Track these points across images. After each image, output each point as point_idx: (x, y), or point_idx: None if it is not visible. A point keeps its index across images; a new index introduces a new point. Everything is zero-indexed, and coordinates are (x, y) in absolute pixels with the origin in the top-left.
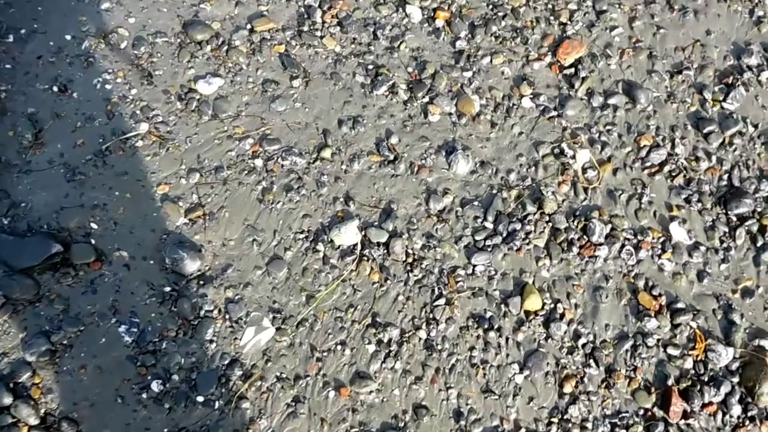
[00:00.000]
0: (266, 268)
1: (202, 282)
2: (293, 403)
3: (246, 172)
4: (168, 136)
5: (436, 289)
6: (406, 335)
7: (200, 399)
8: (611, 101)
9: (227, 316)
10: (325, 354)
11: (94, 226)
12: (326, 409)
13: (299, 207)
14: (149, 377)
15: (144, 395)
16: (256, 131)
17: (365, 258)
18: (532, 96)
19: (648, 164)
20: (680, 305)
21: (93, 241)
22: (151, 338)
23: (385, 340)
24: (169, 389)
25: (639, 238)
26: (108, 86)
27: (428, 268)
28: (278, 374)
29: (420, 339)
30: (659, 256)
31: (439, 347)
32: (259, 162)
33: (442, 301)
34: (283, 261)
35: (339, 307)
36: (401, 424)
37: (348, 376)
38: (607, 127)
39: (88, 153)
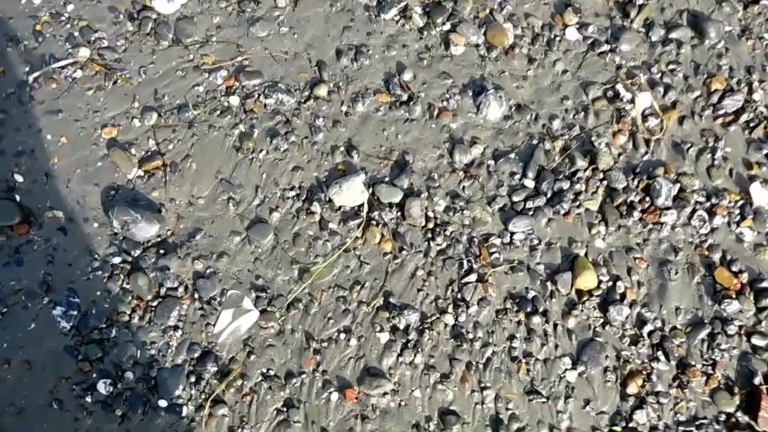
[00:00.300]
0: (246, 234)
1: (162, 251)
2: (285, 409)
3: (218, 112)
4: (116, 66)
5: (464, 262)
6: (428, 321)
7: (163, 403)
8: (674, 35)
9: (196, 296)
10: (324, 345)
11: (18, 178)
12: (327, 416)
13: (288, 157)
14: (94, 375)
15: (88, 399)
16: (230, 61)
17: (373, 222)
18: (578, 26)
19: (721, 112)
20: (766, 284)
21: (17, 198)
22: (97, 324)
23: (402, 327)
24: (122, 391)
25: (713, 201)
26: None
27: (454, 236)
28: (264, 371)
29: (446, 326)
30: (738, 224)
31: (471, 336)
32: (234, 100)
33: (472, 277)
34: (268, 225)
35: (341, 285)
36: None
37: (355, 374)
38: (671, 67)
39: (10, 85)
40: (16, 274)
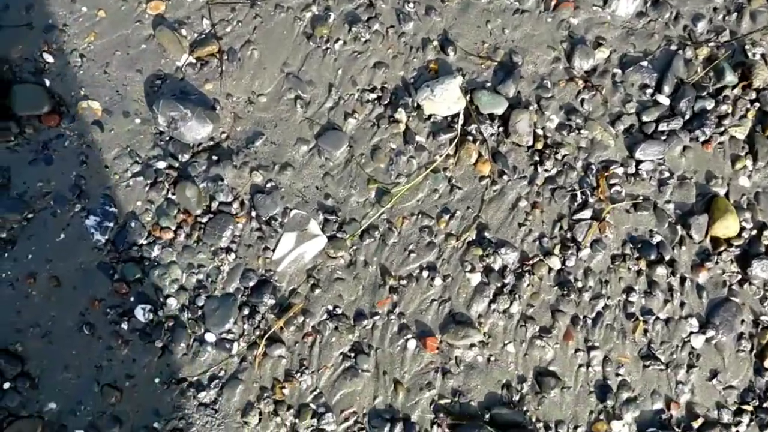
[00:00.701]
0: (316, 142)
1: (215, 158)
2: (352, 354)
3: None
4: None
5: (578, 194)
6: (529, 263)
7: (210, 337)
8: None
9: (254, 214)
10: (403, 283)
11: (48, 59)
12: (402, 366)
13: (369, 51)
14: (132, 299)
15: (124, 325)
16: None
17: (470, 138)
18: None
19: None
20: None
21: (47, 83)
22: (136, 239)
23: (497, 268)
24: (163, 319)
25: None
26: None
27: (567, 161)
28: (330, 308)
29: (550, 270)
30: None
31: (579, 285)
32: None
33: (586, 213)
34: (343, 134)
35: (427, 212)
36: (515, 397)
37: (438, 320)
38: None
39: None
40: (45, 174)
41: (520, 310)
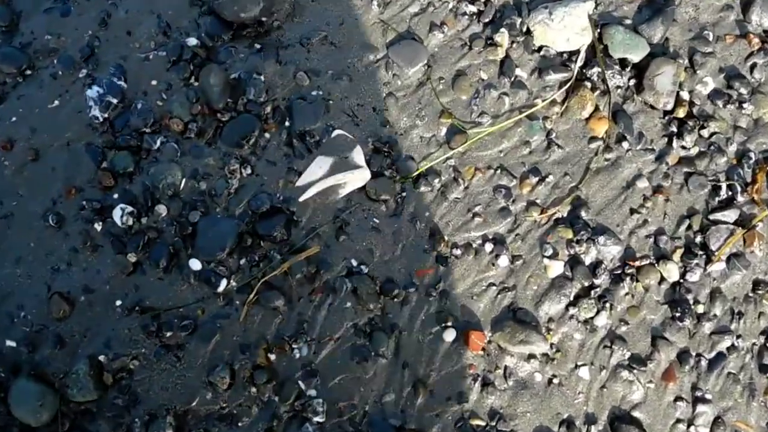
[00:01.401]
0: (386, 53)
1: (258, 46)
2: (368, 330)
3: None
4: None
5: (723, 187)
6: (635, 264)
7: (195, 265)
8: None
9: (287, 123)
10: (456, 252)
11: None
12: (430, 361)
13: None
14: (115, 195)
15: (97, 226)
16: None
17: (587, 84)
18: None
19: None
20: None
21: None
22: (139, 124)
23: (587, 261)
24: (144, 229)
25: None
26: None
27: (716, 142)
28: (354, 264)
29: (662, 280)
30: None
31: (700, 309)
32: None
33: (730, 214)
34: (422, 48)
35: (508, 168)
36: None
37: (491, 312)
38: None
39: None
40: (57, 26)
41: (608, 324)
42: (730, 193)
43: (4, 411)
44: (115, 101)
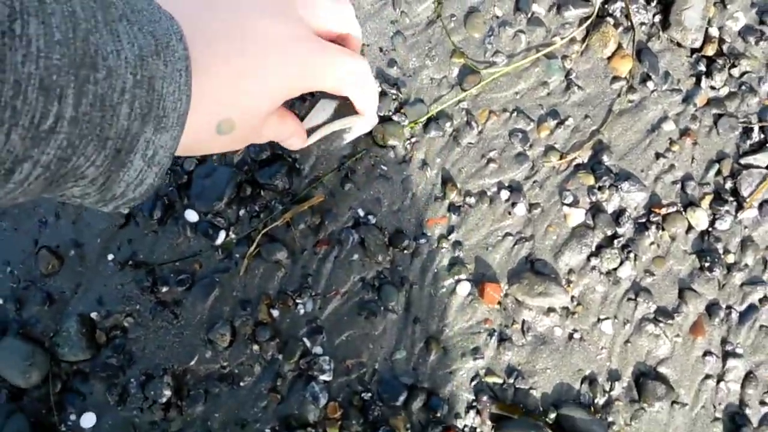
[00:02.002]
0: None
1: None
2: (376, 283)
3: None
4: None
5: (755, 129)
6: (660, 211)
7: (191, 216)
8: None
9: None
10: (469, 201)
11: None
12: (443, 316)
13: None
14: None
15: None
16: None
17: (609, 20)
18: None
19: None
20: None
21: None
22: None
23: (610, 210)
24: None
25: None
26: None
27: (748, 81)
28: (361, 214)
29: (689, 228)
30: None
31: (731, 260)
32: None
33: (762, 158)
34: None
35: (525, 110)
36: (599, 400)
37: (508, 262)
38: None
39: None
40: None
41: (632, 276)
42: (762, 135)
43: None
44: None
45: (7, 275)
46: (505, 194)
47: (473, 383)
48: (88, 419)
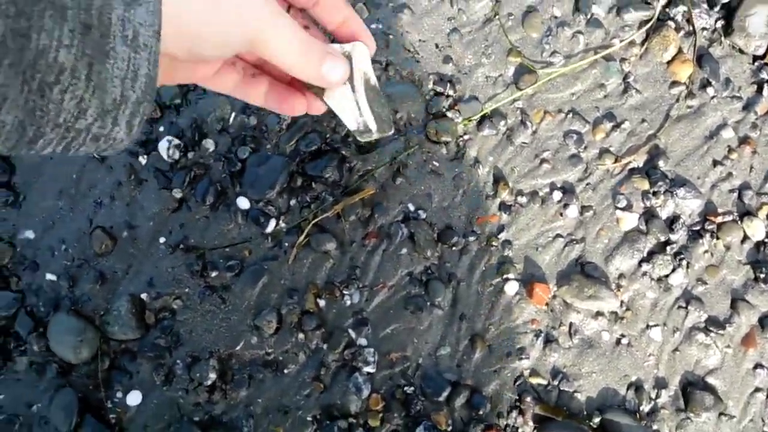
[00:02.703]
0: None
1: None
2: (423, 279)
3: None
4: None
5: None
6: (716, 220)
7: (243, 203)
8: None
9: None
10: (521, 200)
11: None
12: (490, 314)
13: None
14: (161, 128)
15: (142, 160)
16: None
17: (671, 25)
18: None
19: None
20: None
21: None
22: None
23: (664, 216)
24: (190, 165)
25: None
26: None
27: None
28: (411, 209)
29: (746, 239)
30: None
31: None
32: None
33: None
34: None
35: (581, 113)
36: (645, 407)
37: (557, 265)
38: None
39: None
40: None
41: (684, 284)
42: None
43: (43, 346)
44: None
45: (62, 253)
46: (557, 195)
47: (517, 383)
48: (134, 397)
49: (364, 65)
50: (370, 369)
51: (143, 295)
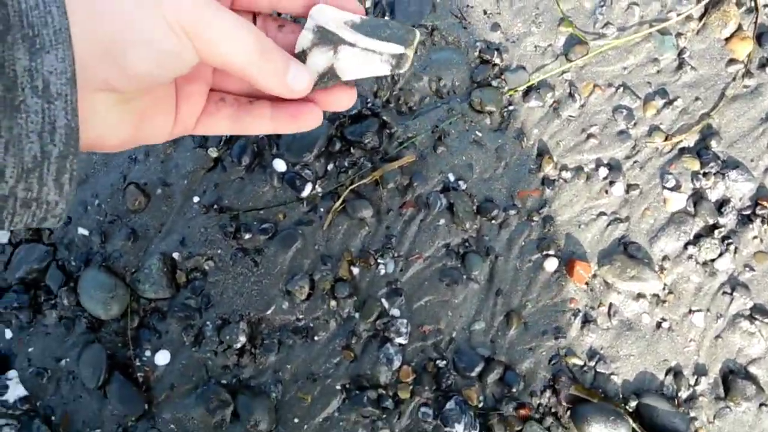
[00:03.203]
0: None
1: None
2: (461, 252)
3: None
4: None
5: None
6: (767, 205)
7: (280, 166)
8: None
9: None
10: (564, 175)
11: None
12: (528, 290)
13: None
14: None
15: None
16: None
17: (732, 0)
18: None
19: None
20: None
21: None
22: None
23: (714, 198)
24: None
25: None
26: None
27: None
28: (451, 179)
29: None
30: None
31: None
32: None
33: None
34: None
35: (632, 87)
36: (683, 393)
37: (599, 243)
38: None
39: None
40: None
41: (730, 269)
42: None
43: (73, 301)
44: None
45: (95, 208)
46: (603, 172)
47: (552, 362)
48: (163, 357)
49: (334, 16)
50: (402, 340)
51: (175, 255)
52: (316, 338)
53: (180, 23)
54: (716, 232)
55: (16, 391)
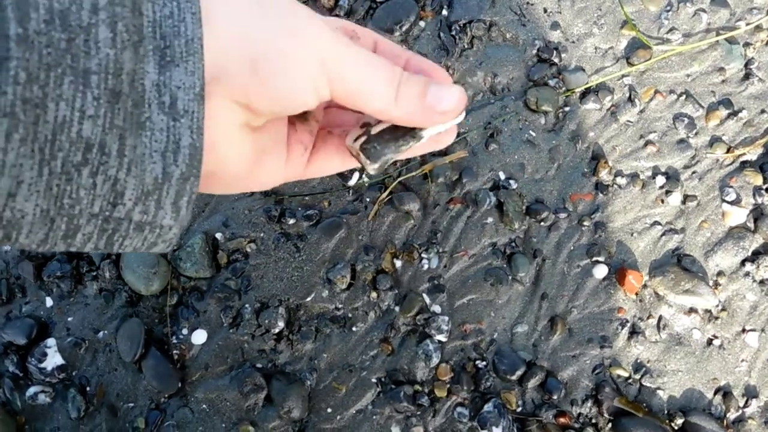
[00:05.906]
0: None
1: None
2: (506, 251)
3: None
4: None
5: None
6: None
7: None
8: None
9: (444, 13)
10: (619, 181)
11: None
12: (575, 296)
13: None
14: None
15: None
16: None
17: None
18: None
19: None
20: None
21: None
22: None
23: None
24: None
25: None
26: None
27: None
28: (501, 177)
29: None
30: None
31: None
32: None
33: None
34: None
35: (695, 95)
36: (732, 414)
37: (652, 253)
38: None
39: None
40: None
41: None
42: None
43: (115, 274)
44: None
45: None
46: (660, 180)
47: (596, 372)
48: (200, 336)
49: None
50: (442, 337)
51: (218, 235)
52: (354, 329)
53: (320, 55)
54: None
55: (54, 359)
